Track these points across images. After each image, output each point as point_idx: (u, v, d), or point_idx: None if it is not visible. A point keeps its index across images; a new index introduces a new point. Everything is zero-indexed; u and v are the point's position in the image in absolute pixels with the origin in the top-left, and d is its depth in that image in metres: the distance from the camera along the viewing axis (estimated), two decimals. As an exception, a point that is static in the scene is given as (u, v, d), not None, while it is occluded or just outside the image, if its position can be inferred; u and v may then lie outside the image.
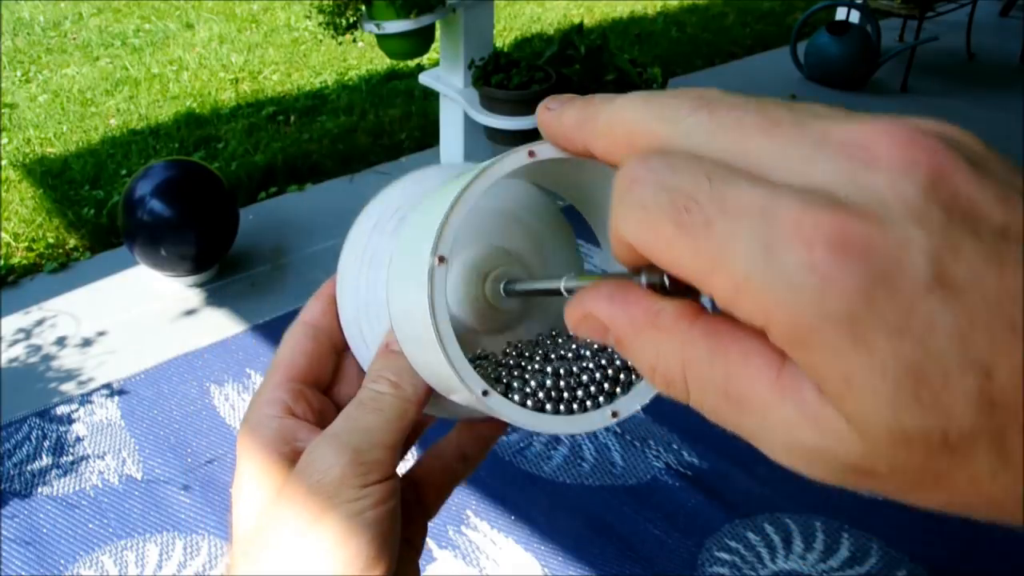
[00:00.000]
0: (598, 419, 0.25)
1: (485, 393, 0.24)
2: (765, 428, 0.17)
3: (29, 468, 1.32)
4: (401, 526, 0.28)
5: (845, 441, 0.15)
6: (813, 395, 0.15)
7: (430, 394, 0.29)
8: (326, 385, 0.32)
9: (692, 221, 0.15)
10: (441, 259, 0.24)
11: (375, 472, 0.27)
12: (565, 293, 0.22)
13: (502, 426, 0.32)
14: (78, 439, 1.37)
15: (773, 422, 0.16)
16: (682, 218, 0.16)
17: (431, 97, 2.59)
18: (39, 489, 1.29)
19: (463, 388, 0.24)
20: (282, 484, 0.27)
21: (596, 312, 0.19)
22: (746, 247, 0.15)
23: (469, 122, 2.03)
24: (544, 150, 0.23)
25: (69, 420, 1.41)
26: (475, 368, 0.25)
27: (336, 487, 0.26)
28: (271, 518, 0.27)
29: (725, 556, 1.17)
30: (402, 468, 0.31)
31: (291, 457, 0.28)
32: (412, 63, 2.74)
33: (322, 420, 0.29)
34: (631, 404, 0.25)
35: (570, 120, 0.20)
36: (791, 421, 0.16)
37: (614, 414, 0.25)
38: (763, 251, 0.15)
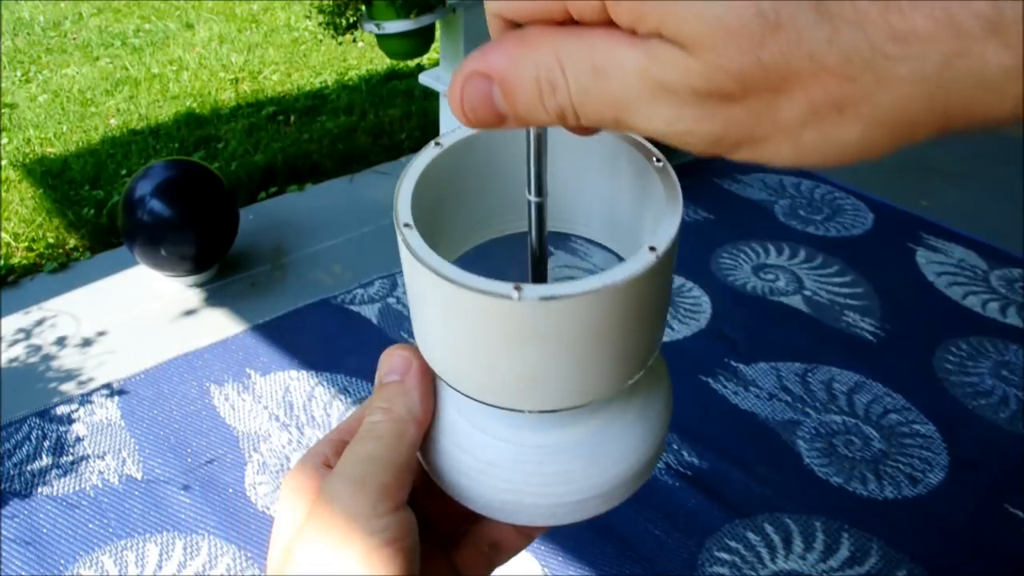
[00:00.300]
0: (502, 289, 0.24)
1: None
2: (628, 86, 0.18)
3: (29, 468, 1.32)
4: None
5: (689, 65, 0.17)
6: (658, 42, 0.18)
7: (429, 411, 0.29)
8: None
9: None
10: (407, 225, 0.25)
11: (386, 499, 0.26)
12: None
13: (528, 534, 0.32)
14: (78, 439, 1.37)
15: (632, 76, 0.18)
16: None
17: (431, 97, 2.59)
18: (39, 489, 1.29)
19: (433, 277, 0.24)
20: (295, 536, 0.27)
21: (474, 66, 0.20)
22: None
23: (469, 122, 2.03)
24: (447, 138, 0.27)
25: (69, 420, 1.41)
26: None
27: (347, 520, 0.26)
28: (292, 553, 0.27)
29: (725, 556, 1.17)
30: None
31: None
32: (412, 63, 2.74)
33: None
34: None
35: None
36: (645, 68, 0.18)
37: (517, 288, 0.23)
38: None
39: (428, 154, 0.28)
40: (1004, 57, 0.15)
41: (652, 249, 0.24)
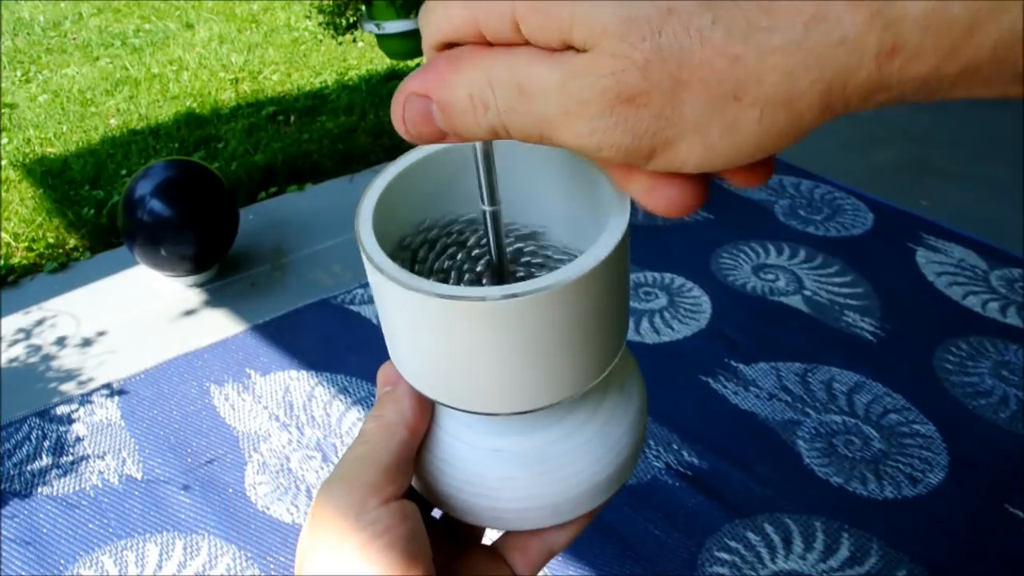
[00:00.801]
0: (480, 292, 0.24)
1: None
2: (548, 103, 0.20)
3: (29, 468, 1.32)
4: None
5: (598, 65, 0.18)
6: (570, 54, 0.19)
7: (423, 414, 0.30)
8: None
9: None
10: (368, 240, 0.27)
11: (374, 495, 0.27)
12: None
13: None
14: (78, 439, 1.37)
15: (551, 93, 0.19)
16: None
17: (431, 97, 2.59)
18: (39, 489, 1.29)
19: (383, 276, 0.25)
20: (308, 527, 0.28)
21: (412, 87, 0.21)
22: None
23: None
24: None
25: (69, 420, 1.41)
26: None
27: (336, 520, 0.26)
28: (303, 555, 0.28)
29: (725, 556, 1.17)
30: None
31: None
32: (412, 63, 2.74)
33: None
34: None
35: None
36: (561, 83, 0.19)
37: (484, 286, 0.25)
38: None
39: (387, 173, 0.29)
40: (854, 13, 0.17)
41: (605, 243, 0.25)
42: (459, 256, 0.33)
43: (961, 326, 1.63)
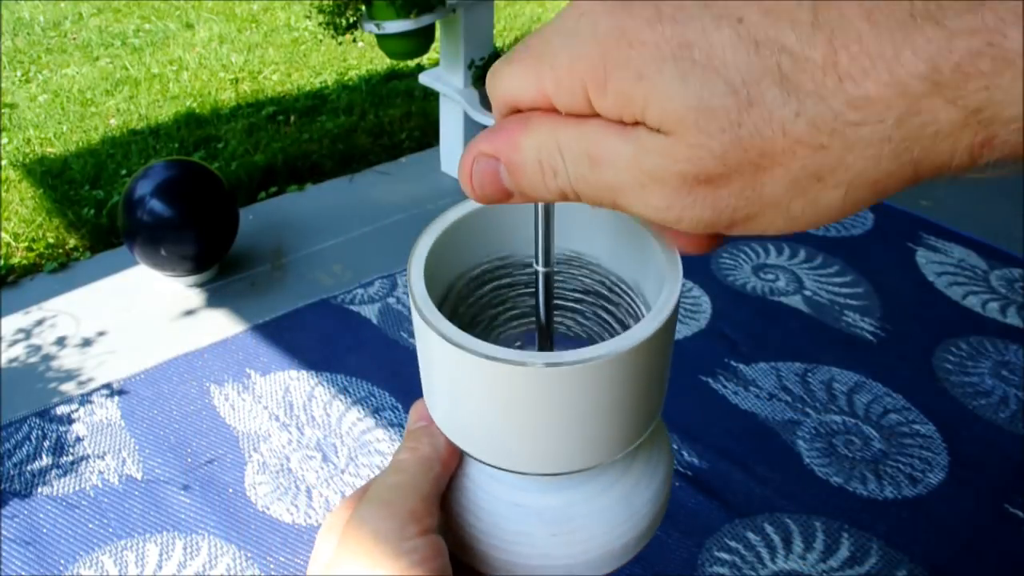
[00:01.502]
0: (527, 357, 0.24)
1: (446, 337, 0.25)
2: (620, 175, 0.20)
3: (29, 468, 1.32)
4: None
5: (674, 151, 0.18)
6: (644, 130, 0.19)
7: (455, 452, 0.30)
8: None
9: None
10: (419, 289, 0.27)
11: (414, 523, 0.27)
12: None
13: None
14: (78, 439, 1.37)
15: (623, 166, 0.20)
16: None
17: (431, 97, 2.59)
18: (39, 489, 1.29)
19: (429, 331, 0.25)
20: (335, 549, 0.28)
21: (481, 148, 0.22)
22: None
23: (469, 122, 2.03)
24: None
25: (69, 420, 1.41)
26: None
27: (375, 543, 0.26)
28: (326, 569, 0.28)
29: (725, 556, 1.17)
30: None
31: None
32: (412, 63, 2.74)
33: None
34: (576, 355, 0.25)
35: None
36: (634, 158, 0.19)
37: (529, 359, 0.25)
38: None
39: (444, 219, 0.30)
40: (950, 112, 0.17)
41: (656, 317, 0.25)
42: (504, 308, 0.33)
43: (961, 326, 1.63)
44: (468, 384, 0.26)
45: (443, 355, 0.26)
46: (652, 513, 0.31)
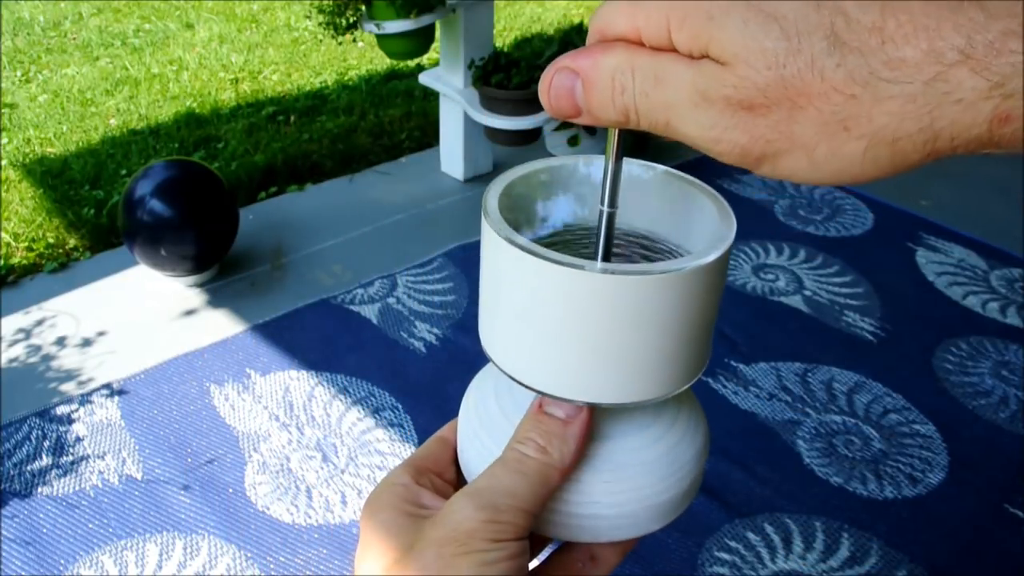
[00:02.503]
0: (665, 266, 0.26)
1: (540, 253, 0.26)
2: (678, 93, 0.23)
3: (29, 468, 1.32)
4: None
5: (725, 77, 0.21)
6: (707, 60, 0.22)
7: (576, 459, 0.30)
8: (449, 480, 0.34)
9: None
10: (492, 211, 0.29)
11: (508, 532, 0.28)
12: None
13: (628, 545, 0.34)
14: (78, 439, 1.37)
15: (682, 85, 0.22)
16: None
17: (431, 97, 2.59)
18: (39, 489, 1.29)
19: (518, 253, 0.26)
20: (413, 539, 0.28)
21: (564, 62, 0.25)
22: None
23: (469, 122, 2.03)
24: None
25: (69, 420, 1.41)
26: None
27: (469, 537, 0.27)
28: (404, 566, 0.28)
29: (725, 556, 1.17)
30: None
31: (416, 516, 0.29)
32: (412, 63, 2.74)
33: (445, 496, 0.31)
34: (696, 259, 0.27)
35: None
36: (692, 79, 0.22)
37: (679, 260, 0.26)
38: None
39: (525, 168, 0.32)
40: (976, 81, 0.19)
41: (712, 250, 0.27)
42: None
43: (961, 326, 1.63)
44: (530, 291, 0.27)
45: (508, 260, 0.27)
46: (695, 472, 0.33)
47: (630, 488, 0.30)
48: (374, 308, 1.68)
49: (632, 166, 0.31)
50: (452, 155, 2.14)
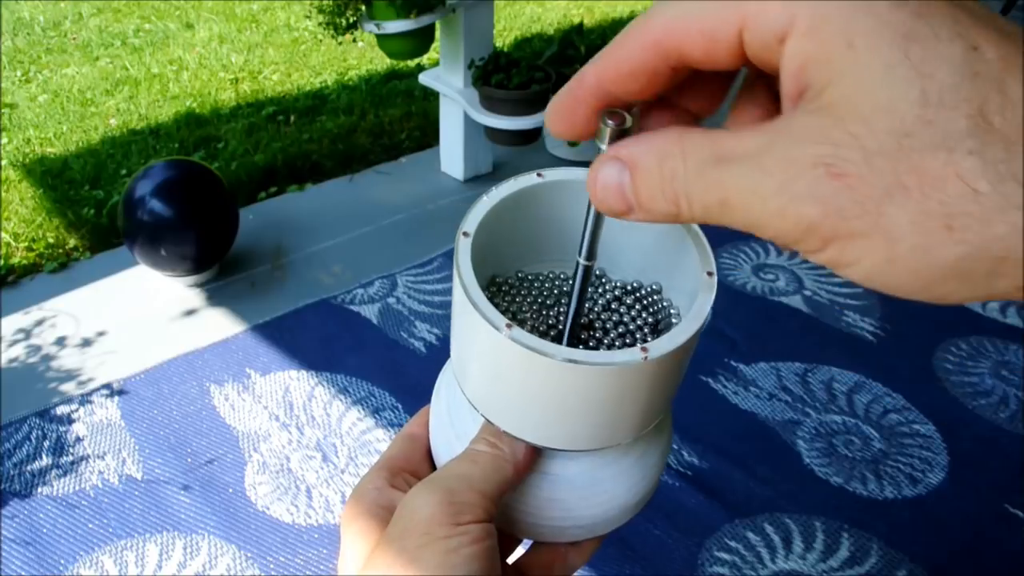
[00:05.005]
0: (627, 356, 0.26)
1: (508, 326, 0.27)
2: (743, 165, 0.19)
3: (29, 468, 1.32)
4: None
5: (826, 130, 0.18)
6: (800, 109, 0.18)
7: (530, 458, 0.31)
8: (424, 476, 0.34)
9: None
10: (465, 234, 0.29)
11: (467, 513, 0.27)
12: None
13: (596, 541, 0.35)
14: (78, 439, 1.37)
15: (750, 154, 0.19)
16: None
17: (431, 97, 2.59)
18: (39, 489, 1.29)
19: (486, 325, 0.27)
20: (378, 540, 0.28)
21: (613, 152, 0.22)
22: None
23: (469, 122, 2.03)
24: (550, 173, 0.31)
25: (69, 420, 1.41)
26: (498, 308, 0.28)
27: (429, 524, 0.27)
28: (372, 567, 0.28)
29: (725, 556, 1.17)
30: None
31: (387, 519, 0.29)
32: (412, 63, 2.74)
33: None
34: (662, 345, 0.26)
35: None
36: (767, 143, 0.18)
37: (644, 350, 0.26)
38: None
39: (490, 198, 0.31)
40: None
41: (686, 328, 0.27)
42: (541, 300, 0.34)
43: (961, 326, 1.63)
44: (501, 365, 0.27)
45: (482, 336, 0.27)
46: (660, 467, 0.34)
47: (607, 499, 0.32)
48: (374, 308, 1.68)
49: None
50: (452, 155, 2.14)
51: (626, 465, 0.32)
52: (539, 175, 0.31)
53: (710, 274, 0.29)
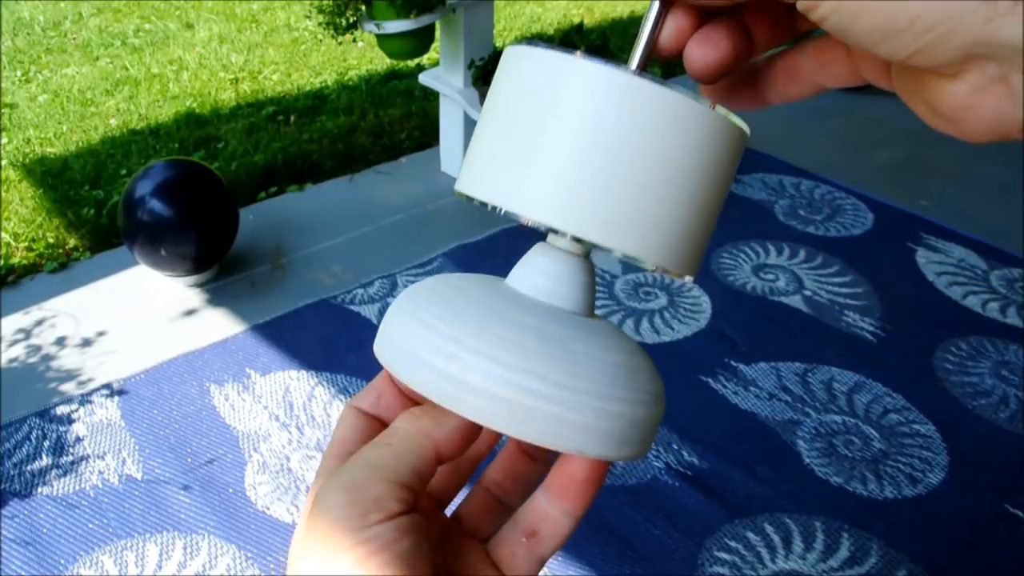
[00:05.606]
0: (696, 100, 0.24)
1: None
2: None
3: (29, 468, 1.32)
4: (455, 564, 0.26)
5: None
6: None
7: (455, 445, 0.25)
8: None
9: None
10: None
11: (374, 511, 0.24)
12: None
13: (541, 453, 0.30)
14: (78, 439, 1.37)
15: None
16: None
17: (431, 97, 2.59)
18: (39, 489, 1.29)
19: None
20: (301, 533, 0.25)
21: None
22: None
23: (469, 122, 2.03)
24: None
25: (69, 420, 1.41)
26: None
27: (334, 532, 0.24)
28: (292, 566, 0.25)
29: (725, 556, 1.17)
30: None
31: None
32: (412, 63, 2.74)
33: None
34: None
35: None
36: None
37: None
38: None
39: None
40: None
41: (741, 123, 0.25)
42: None
43: (961, 326, 1.63)
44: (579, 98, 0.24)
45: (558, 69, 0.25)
46: (652, 414, 0.26)
47: (588, 387, 0.24)
48: (374, 308, 1.68)
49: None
50: (452, 155, 2.14)
51: (613, 361, 0.25)
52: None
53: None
